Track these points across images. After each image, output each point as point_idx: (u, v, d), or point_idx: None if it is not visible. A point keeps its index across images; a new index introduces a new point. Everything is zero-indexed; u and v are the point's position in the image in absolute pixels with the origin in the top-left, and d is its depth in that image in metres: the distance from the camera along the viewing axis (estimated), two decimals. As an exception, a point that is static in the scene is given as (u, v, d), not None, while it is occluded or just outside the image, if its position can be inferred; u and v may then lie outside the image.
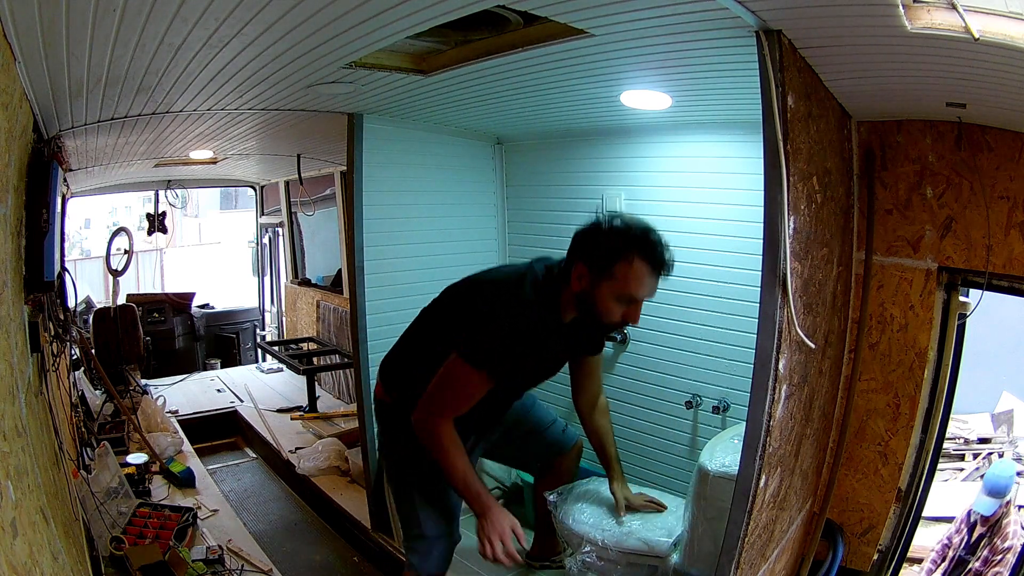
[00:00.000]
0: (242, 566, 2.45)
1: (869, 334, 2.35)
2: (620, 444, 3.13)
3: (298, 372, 4.74)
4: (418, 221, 3.12)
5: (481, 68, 2.06)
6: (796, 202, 1.61)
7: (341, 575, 3.12)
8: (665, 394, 2.94)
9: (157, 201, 5.77)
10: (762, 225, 1.59)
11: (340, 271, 5.35)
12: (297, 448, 4.09)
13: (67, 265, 2.80)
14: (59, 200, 2.16)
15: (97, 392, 4.28)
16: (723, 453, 2.30)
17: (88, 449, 3.12)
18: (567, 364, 2.13)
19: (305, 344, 5.58)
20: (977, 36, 1.36)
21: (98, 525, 2.39)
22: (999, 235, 2.03)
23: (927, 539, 3.43)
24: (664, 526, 2.60)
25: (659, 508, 2.62)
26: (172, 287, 9.18)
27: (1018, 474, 4.18)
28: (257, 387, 5.39)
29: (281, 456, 4.12)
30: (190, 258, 11.99)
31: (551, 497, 2.37)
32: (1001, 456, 4.48)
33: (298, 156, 4.20)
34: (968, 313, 2.23)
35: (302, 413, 4.69)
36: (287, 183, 5.90)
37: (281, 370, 5.65)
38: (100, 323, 4.73)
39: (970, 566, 3.31)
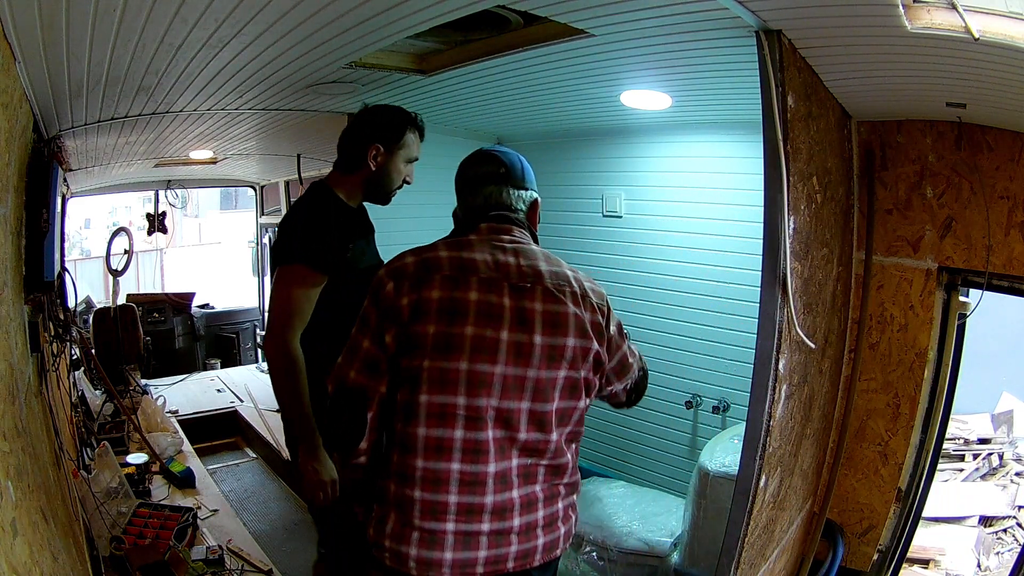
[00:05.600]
0: (242, 566, 2.45)
1: (869, 334, 2.35)
2: (620, 444, 3.15)
3: (298, 372, 4.72)
4: (418, 221, 3.11)
5: (481, 68, 2.06)
6: (796, 202, 1.61)
7: (341, 575, 3.12)
8: (665, 394, 2.94)
9: (157, 201, 5.76)
10: (762, 225, 1.60)
11: (340, 271, 5.33)
12: (297, 448, 4.08)
13: (67, 265, 2.80)
14: (59, 200, 2.16)
15: (97, 392, 4.27)
16: (723, 453, 2.31)
17: (88, 449, 3.12)
18: None
19: (305, 344, 5.57)
20: (977, 36, 1.36)
21: (98, 525, 2.38)
22: (999, 235, 2.03)
23: (927, 539, 3.42)
24: (664, 526, 2.60)
25: None
26: (172, 287, 9.16)
27: (1017, 474, 4.18)
28: (257, 387, 5.37)
29: (281, 456, 4.12)
30: (190, 258, 11.98)
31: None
32: (1001, 457, 4.48)
33: (298, 156, 4.20)
34: (968, 313, 2.23)
35: (302, 413, 4.68)
36: (287, 183, 5.90)
37: (281, 370, 5.63)
38: (100, 323, 4.71)
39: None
